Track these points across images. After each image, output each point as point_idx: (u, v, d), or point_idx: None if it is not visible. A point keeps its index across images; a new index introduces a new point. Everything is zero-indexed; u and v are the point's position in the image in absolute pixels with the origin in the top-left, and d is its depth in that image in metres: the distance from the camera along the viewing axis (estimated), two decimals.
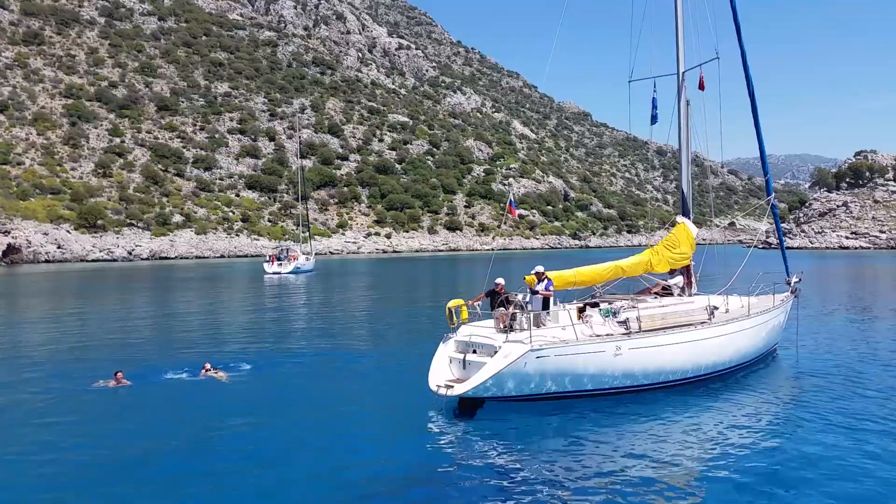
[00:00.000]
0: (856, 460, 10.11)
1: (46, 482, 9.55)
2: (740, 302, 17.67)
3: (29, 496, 9.15)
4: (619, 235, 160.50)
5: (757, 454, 10.47)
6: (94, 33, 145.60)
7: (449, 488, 9.34)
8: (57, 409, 13.52)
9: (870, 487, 9.14)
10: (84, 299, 38.07)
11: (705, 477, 9.68)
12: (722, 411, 13.11)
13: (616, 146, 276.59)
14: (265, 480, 9.56)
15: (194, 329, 25.58)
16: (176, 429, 12.00)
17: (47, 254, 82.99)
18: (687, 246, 17.73)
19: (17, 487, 9.39)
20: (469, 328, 14.51)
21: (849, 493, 8.98)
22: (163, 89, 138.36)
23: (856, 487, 9.15)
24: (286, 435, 11.63)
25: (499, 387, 12.81)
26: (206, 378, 15.85)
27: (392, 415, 13.02)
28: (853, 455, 10.32)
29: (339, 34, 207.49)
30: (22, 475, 9.84)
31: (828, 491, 9.03)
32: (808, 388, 14.77)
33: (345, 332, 24.83)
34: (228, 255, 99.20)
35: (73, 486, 9.45)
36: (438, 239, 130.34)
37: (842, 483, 9.30)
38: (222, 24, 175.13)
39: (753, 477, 9.53)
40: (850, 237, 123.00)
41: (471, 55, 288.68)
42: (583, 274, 16.17)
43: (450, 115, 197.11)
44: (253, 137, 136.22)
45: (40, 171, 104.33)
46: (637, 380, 14.02)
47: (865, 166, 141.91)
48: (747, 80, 19.11)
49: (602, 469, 9.93)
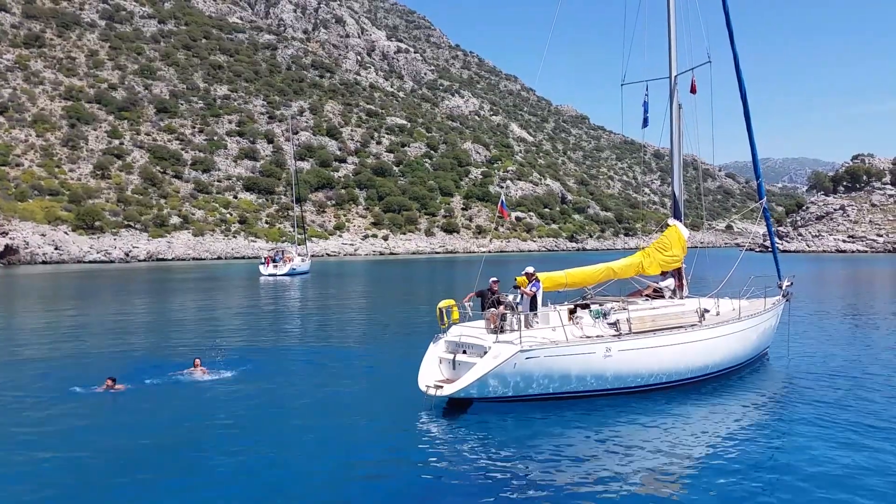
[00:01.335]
0: (844, 464, 10.13)
1: (34, 484, 9.61)
2: (731, 305, 17.75)
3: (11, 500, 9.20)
4: (616, 238, 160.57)
5: (744, 457, 10.51)
6: (94, 36, 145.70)
7: (437, 488, 9.39)
8: (46, 411, 13.56)
9: (858, 492, 9.15)
10: (80, 301, 38.11)
11: (693, 478, 9.74)
12: (710, 414, 13.18)
13: (613, 149, 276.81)
14: (254, 480, 9.62)
15: (187, 330, 25.64)
16: (167, 429, 12.07)
17: (45, 255, 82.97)
18: (678, 248, 17.81)
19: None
20: (459, 328, 14.59)
21: (837, 496, 9.00)
22: (162, 91, 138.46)
23: (844, 491, 9.17)
24: (275, 435, 11.70)
25: (488, 388, 12.88)
26: (196, 377, 15.99)
27: (381, 415, 13.08)
28: (842, 459, 10.34)
29: (339, 38, 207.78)
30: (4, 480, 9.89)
31: (816, 494, 9.05)
32: (797, 391, 14.83)
33: (338, 333, 24.90)
34: (226, 257, 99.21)
35: (61, 486, 9.50)
36: (435, 241, 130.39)
37: (830, 486, 9.31)
38: (222, 27, 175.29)
39: (741, 479, 9.57)
40: (847, 241, 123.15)
41: (469, 58, 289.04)
42: (574, 275, 16.25)
43: (448, 117, 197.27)
44: (251, 140, 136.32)
45: (39, 172, 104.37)
46: (627, 382, 14.09)
47: (863, 170, 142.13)
48: (740, 83, 19.22)
49: (590, 470, 10.00)
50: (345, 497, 9.09)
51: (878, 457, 10.43)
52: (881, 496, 8.97)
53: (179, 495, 9.11)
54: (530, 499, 8.98)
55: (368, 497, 9.08)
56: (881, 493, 9.06)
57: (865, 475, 9.69)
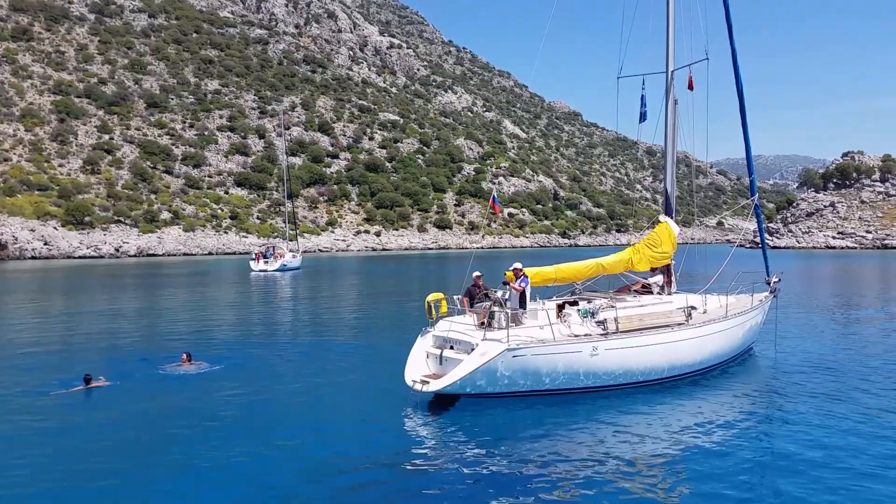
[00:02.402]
0: (830, 458, 10.18)
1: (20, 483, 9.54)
2: (718, 302, 17.79)
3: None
4: (609, 234, 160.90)
5: (729, 452, 10.54)
6: (83, 30, 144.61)
7: (421, 483, 9.37)
8: (28, 408, 13.47)
9: (844, 484, 9.20)
10: (69, 296, 37.89)
11: (679, 473, 9.76)
12: (696, 410, 13.20)
13: (606, 146, 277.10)
14: (238, 475, 9.58)
15: (176, 325, 25.50)
16: (151, 424, 12.02)
17: (34, 250, 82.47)
18: (668, 245, 17.83)
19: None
20: (447, 323, 14.55)
21: (823, 489, 9.05)
22: (152, 86, 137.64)
23: (830, 484, 9.22)
24: (260, 430, 11.65)
25: (474, 384, 12.85)
26: (184, 372, 15.95)
27: (368, 409, 13.05)
28: (828, 452, 10.40)
29: (331, 32, 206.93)
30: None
31: (800, 489, 9.09)
32: (783, 387, 14.90)
33: (326, 328, 24.84)
34: (217, 253, 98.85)
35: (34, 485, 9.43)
36: (428, 237, 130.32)
37: (816, 480, 9.36)
38: (213, 21, 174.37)
39: (727, 474, 9.60)
40: (836, 237, 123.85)
41: (462, 54, 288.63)
42: (563, 271, 16.25)
43: (440, 113, 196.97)
44: (242, 135, 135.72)
45: (28, 167, 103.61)
46: (613, 380, 14.09)
47: (852, 167, 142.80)
48: (737, 79, 19.19)
49: (575, 465, 10.00)
50: (328, 491, 9.06)
51: (865, 448, 10.50)
52: (867, 487, 9.01)
53: (161, 491, 9.05)
54: (513, 493, 8.98)
55: (353, 491, 9.06)
56: (867, 483, 9.10)
57: (853, 468, 9.75)
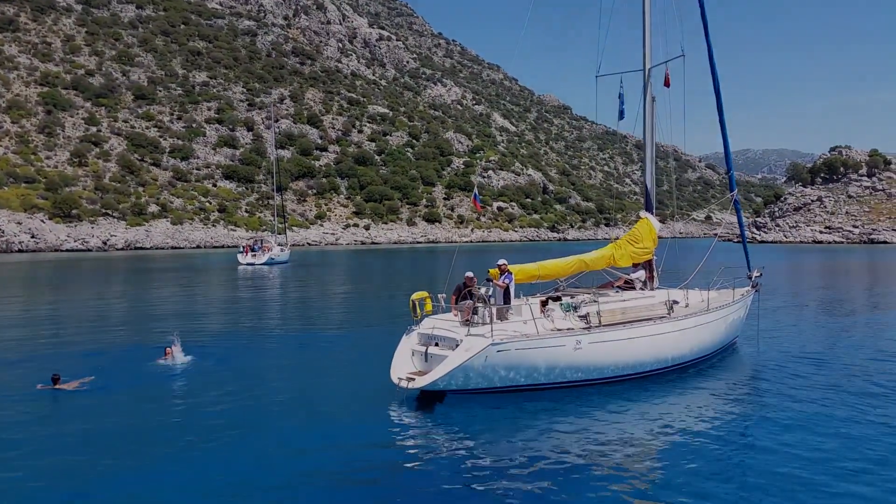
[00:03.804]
0: (811, 450, 10.34)
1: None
2: (700, 296, 18.02)
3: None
4: (598, 228, 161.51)
5: (712, 446, 10.67)
6: (70, 20, 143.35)
7: (407, 480, 9.47)
8: (10, 404, 13.53)
9: (826, 477, 9.33)
10: (55, 289, 37.75)
11: (662, 466, 9.90)
12: (679, 404, 13.38)
13: (595, 140, 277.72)
14: (221, 471, 9.66)
15: (162, 319, 25.47)
16: (133, 418, 12.09)
17: (21, 243, 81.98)
18: (649, 241, 18.05)
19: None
20: (432, 321, 14.70)
21: (804, 482, 9.17)
22: (140, 78, 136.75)
23: (811, 476, 9.35)
24: (245, 425, 11.72)
25: (459, 380, 13.02)
26: (167, 365, 16.07)
27: (353, 406, 13.16)
28: (809, 445, 10.56)
29: (320, 24, 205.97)
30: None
31: (783, 481, 9.21)
32: (764, 380, 15.14)
33: (313, 323, 24.92)
34: (205, 246, 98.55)
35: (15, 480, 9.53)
36: (417, 231, 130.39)
37: (798, 472, 9.49)
38: (201, 12, 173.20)
39: (709, 467, 9.74)
40: (823, 231, 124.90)
41: (451, 47, 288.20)
42: (546, 267, 16.44)
43: (430, 106, 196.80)
44: (231, 127, 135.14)
45: (14, 159, 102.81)
46: (597, 373, 14.29)
47: (840, 162, 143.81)
48: (713, 75, 19.41)
49: (560, 459, 10.13)
50: (313, 488, 9.15)
51: (848, 440, 10.70)
52: (850, 476, 9.20)
53: (141, 487, 9.12)
54: (500, 489, 9.09)
55: (338, 488, 9.16)
56: (850, 473, 9.29)
57: (834, 459, 9.91)
